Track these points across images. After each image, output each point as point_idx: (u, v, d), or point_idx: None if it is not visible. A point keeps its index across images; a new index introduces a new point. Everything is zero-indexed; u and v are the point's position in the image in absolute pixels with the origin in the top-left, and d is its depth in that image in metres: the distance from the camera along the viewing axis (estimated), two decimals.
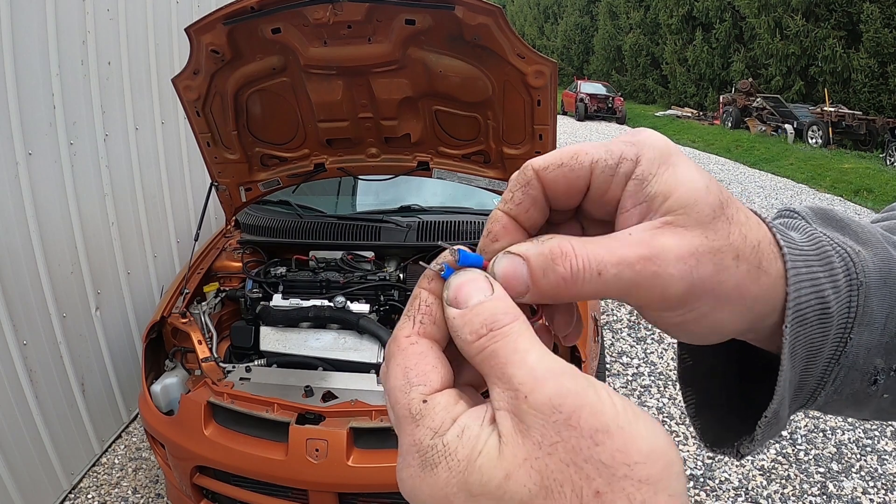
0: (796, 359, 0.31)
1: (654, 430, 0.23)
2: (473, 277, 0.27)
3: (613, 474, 0.22)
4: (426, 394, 0.26)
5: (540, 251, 0.28)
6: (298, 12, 2.03)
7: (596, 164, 0.29)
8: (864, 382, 0.34)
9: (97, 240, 3.02)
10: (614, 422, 0.23)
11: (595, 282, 0.27)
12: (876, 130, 13.22)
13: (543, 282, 0.27)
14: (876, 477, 3.03)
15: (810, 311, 0.31)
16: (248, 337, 2.47)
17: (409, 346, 0.27)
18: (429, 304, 0.28)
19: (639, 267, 0.27)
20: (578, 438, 0.22)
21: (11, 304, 2.40)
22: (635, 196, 0.28)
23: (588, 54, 28.28)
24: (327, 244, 2.77)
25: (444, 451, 0.24)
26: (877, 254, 0.33)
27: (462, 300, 0.27)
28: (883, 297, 0.33)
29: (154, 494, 2.88)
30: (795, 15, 15.82)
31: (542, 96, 2.19)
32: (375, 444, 1.97)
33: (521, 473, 0.23)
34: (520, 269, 0.28)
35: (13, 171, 2.41)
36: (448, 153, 2.57)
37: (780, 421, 0.33)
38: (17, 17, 2.37)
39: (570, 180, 0.29)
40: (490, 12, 1.96)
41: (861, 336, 0.32)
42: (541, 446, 0.23)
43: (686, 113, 19.84)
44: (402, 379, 0.26)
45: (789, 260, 0.30)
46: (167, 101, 3.63)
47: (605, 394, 0.23)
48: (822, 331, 0.31)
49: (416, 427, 0.25)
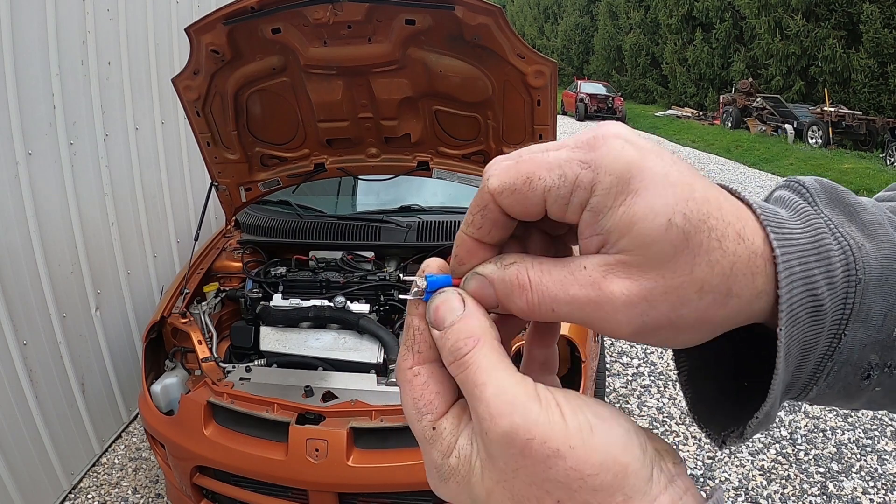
0: (790, 358, 0.30)
1: (608, 443, 0.26)
2: (446, 297, 0.30)
3: (570, 487, 0.25)
4: (433, 421, 0.30)
5: (501, 277, 0.29)
6: (298, 12, 2.03)
7: (549, 193, 0.28)
8: (858, 377, 0.33)
9: (97, 240, 3.02)
10: (564, 444, 0.25)
11: (549, 316, 0.28)
12: (876, 130, 13.22)
13: (508, 305, 0.29)
14: (876, 477, 3.03)
15: (802, 309, 0.29)
16: (248, 337, 2.47)
17: (413, 379, 0.30)
18: (421, 330, 0.31)
19: (588, 310, 0.27)
20: (534, 465, 0.26)
21: (11, 304, 2.40)
22: (591, 227, 0.27)
23: (588, 54, 28.28)
24: (327, 244, 2.77)
25: (450, 470, 0.29)
26: (881, 248, 0.32)
27: (439, 322, 0.29)
28: (883, 294, 0.31)
29: (154, 494, 2.88)
30: (795, 15, 15.81)
31: (542, 96, 2.19)
32: (375, 444, 1.97)
33: (497, 492, 0.27)
34: (487, 288, 0.30)
35: (13, 171, 2.41)
36: (448, 153, 2.58)
37: (770, 418, 0.32)
38: (17, 17, 2.37)
39: (524, 206, 0.28)
40: (490, 12, 1.96)
41: (856, 332, 0.31)
42: (505, 472, 0.26)
43: (686, 113, 19.84)
44: (413, 409, 0.30)
45: (782, 262, 0.29)
46: (167, 101, 3.63)
47: (557, 414, 0.26)
48: (814, 328, 0.30)
49: (431, 449, 0.29)
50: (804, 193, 0.33)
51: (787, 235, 0.30)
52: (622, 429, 0.27)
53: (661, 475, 0.27)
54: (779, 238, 0.29)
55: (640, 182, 0.26)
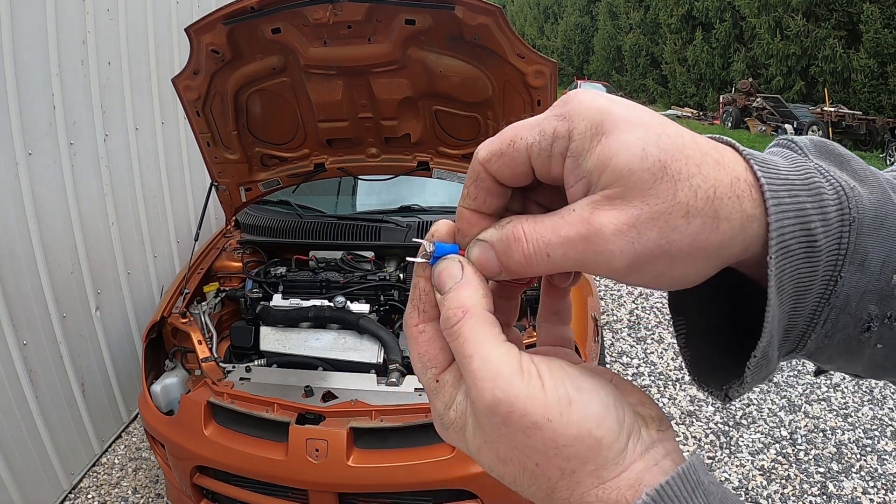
0: (783, 295, 0.30)
1: (585, 417, 0.28)
2: (448, 264, 0.32)
3: (546, 454, 0.28)
4: (437, 374, 0.32)
5: (500, 237, 0.30)
6: (298, 12, 2.03)
7: (532, 150, 0.29)
8: (857, 329, 0.32)
9: (97, 240, 3.02)
10: (542, 417, 0.28)
11: (546, 262, 0.29)
12: (876, 130, 13.22)
13: (509, 263, 0.30)
14: (876, 477, 3.03)
15: (795, 243, 0.29)
16: (248, 337, 2.47)
17: (419, 336, 0.33)
18: (426, 292, 0.33)
19: (581, 247, 0.28)
20: (514, 434, 0.28)
21: (11, 304, 2.40)
22: (574, 173, 0.29)
23: (588, 54, 28.27)
24: (327, 244, 2.77)
25: (449, 421, 0.32)
26: (873, 192, 0.32)
27: (440, 287, 0.31)
28: (879, 239, 0.31)
29: (154, 494, 2.88)
30: (796, 15, 15.82)
31: (542, 96, 2.19)
32: (375, 444, 1.97)
33: (484, 450, 0.30)
34: (489, 253, 0.31)
35: (13, 171, 2.41)
36: (448, 153, 2.57)
37: (770, 363, 0.32)
38: (17, 17, 2.37)
39: (512, 168, 0.30)
40: (490, 12, 1.96)
41: (853, 276, 0.31)
42: (490, 436, 0.30)
43: (686, 113, 19.84)
44: (419, 362, 0.33)
45: (768, 190, 0.29)
46: (167, 101, 3.63)
47: (538, 387, 0.28)
48: (809, 265, 0.30)
49: (436, 399, 0.32)
50: (794, 147, 0.34)
51: (772, 169, 0.30)
52: (600, 403, 0.29)
53: (637, 444, 0.29)
54: (762, 169, 0.29)
55: (612, 123, 0.28)
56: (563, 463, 0.28)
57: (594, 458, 0.28)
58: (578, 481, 0.28)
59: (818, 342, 0.33)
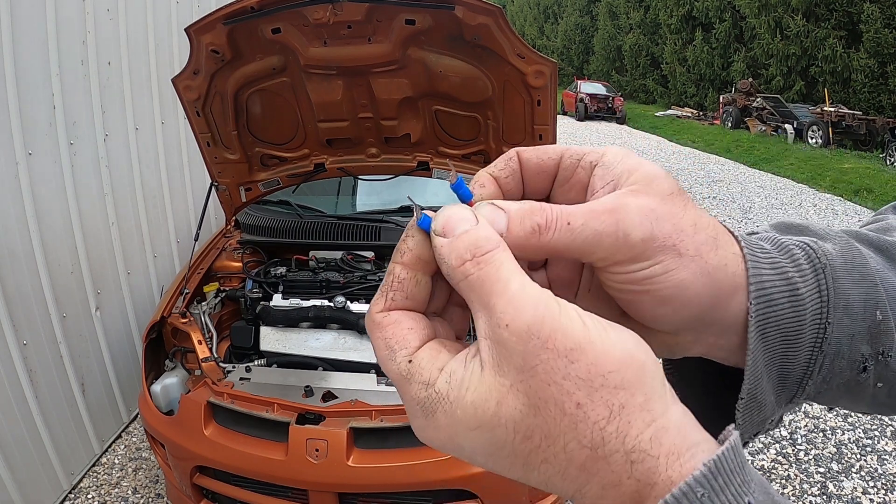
0: (768, 340, 0.32)
1: (624, 340, 0.26)
2: (459, 210, 0.29)
3: (591, 385, 0.25)
4: (409, 354, 0.28)
5: (520, 205, 0.30)
6: (298, 12, 2.02)
7: (565, 152, 0.33)
8: (854, 371, 0.34)
9: (97, 240, 3.02)
10: (585, 338, 0.25)
11: (565, 231, 0.29)
12: (876, 130, 13.21)
13: (518, 229, 0.29)
14: (876, 477, 3.03)
15: (777, 292, 0.32)
16: (248, 337, 2.47)
17: (382, 320, 0.29)
18: (400, 279, 0.30)
19: (604, 217, 0.29)
20: (556, 359, 0.25)
21: (11, 304, 2.40)
22: (603, 178, 0.31)
23: (588, 54, 28.27)
24: (327, 244, 2.77)
25: (437, 398, 0.27)
26: (836, 243, 0.35)
27: (449, 230, 0.28)
28: (854, 281, 0.34)
29: (154, 494, 2.88)
30: (796, 15, 15.81)
31: (542, 96, 2.19)
32: (375, 444, 1.97)
33: (510, 398, 0.25)
34: (499, 217, 0.29)
35: (13, 171, 2.41)
36: (448, 153, 2.57)
37: (762, 407, 0.33)
38: (17, 17, 2.37)
39: (541, 160, 0.33)
40: (490, 12, 1.96)
41: (841, 321, 0.33)
42: (523, 370, 0.25)
43: (686, 113, 19.83)
44: (386, 349, 0.29)
45: (745, 245, 0.32)
46: (167, 101, 3.63)
47: (575, 314, 0.26)
48: (794, 313, 0.32)
49: (410, 385, 0.28)
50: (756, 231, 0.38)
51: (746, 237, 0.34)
52: (632, 333, 0.27)
53: (669, 387, 0.27)
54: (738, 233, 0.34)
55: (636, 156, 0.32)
56: (611, 396, 0.24)
57: (641, 387, 0.25)
58: (630, 420, 0.24)
59: (818, 388, 0.34)
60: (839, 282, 0.33)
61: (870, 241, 0.39)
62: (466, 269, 0.27)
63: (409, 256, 0.30)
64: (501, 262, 0.27)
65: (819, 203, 8.91)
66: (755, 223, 7.63)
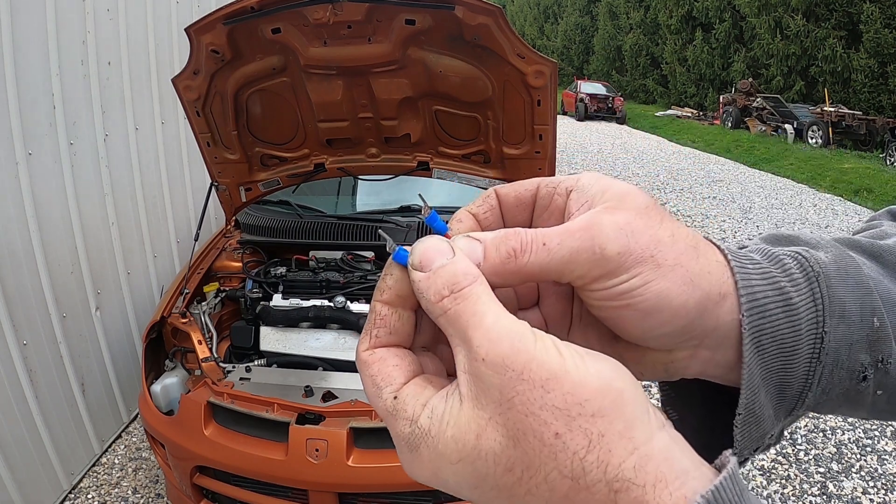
0: (765, 353, 0.32)
1: (600, 368, 0.26)
2: (436, 242, 0.29)
3: (568, 415, 0.24)
4: (394, 391, 0.29)
5: (495, 234, 0.30)
6: (298, 12, 2.02)
7: (541, 182, 0.33)
8: (854, 380, 0.34)
9: (97, 240, 3.02)
10: (561, 368, 0.25)
11: (541, 252, 0.29)
12: (876, 130, 13.20)
13: (494, 256, 0.29)
14: (876, 477, 3.03)
15: (769, 302, 0.32)
16: (248, 337, 2.47)
17: (368, 358, 0.30)
18: (382, 315, 0.30)
19: (578, 234, 0.29)
20: (532, 390, 0.25)
21: (11, 304, 2.40)
22: (578, 200, 0.31)
23: (588, 54, 28.27)
24: (327, 244, 2.77)
25: (420, 434, 0.27)
26: (829, 251, 0.35)
27: (426, 263, 0.29)
28: (849, 288, 0.33)
29: (154, 494, 2.88)
30: (796, 15, 15.81)
31: (542, 96, 2.19)
32: (375, 444, 1.96)
33: (490, 430, 0.25)
34: (475, 247, 0.30)
35: (13, 171, 2.41)
36: (448, 153, 2.57)
37: (761, 421, 0.33)
38: (17, 17, 2.37)
39: (518, 193, 0.33)
40: (490, 12, 1.96)
41: (837, 329, 0.32)
42: (500, 402, 0.25)
43: (686, 113, 19.83)
44: (372, 387, 0.29)
45: (731, 255, 0.32)
46: (167, 101, 3.63)
47: (550, 344, 0.26)
48: (789, 323, 0.32)
49: (396, 421, 0.28)
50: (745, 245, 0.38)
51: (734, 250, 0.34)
52: (612, 361, 0.27)
53: (655, 414, 0.26)
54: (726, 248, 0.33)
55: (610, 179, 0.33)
56: (589, 424, 0.24)
57: (620, 415, 0.25)
58: (610, 448, 0.24)
59: (817, 399, 0.34)
60: (833, 290, 0.33)
61: (863, 248, 0.38)
62: (444, 304, 0.27)
63: (388, 294, 0.30)
64: (478, 295, 0.27)
65: (819, 203, 8.91)
66: (755, 223, 7.63)
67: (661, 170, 11.25)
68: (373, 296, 0.31)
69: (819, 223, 7.73)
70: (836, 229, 7.43)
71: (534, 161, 2.45)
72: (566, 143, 13.74)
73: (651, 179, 10.31)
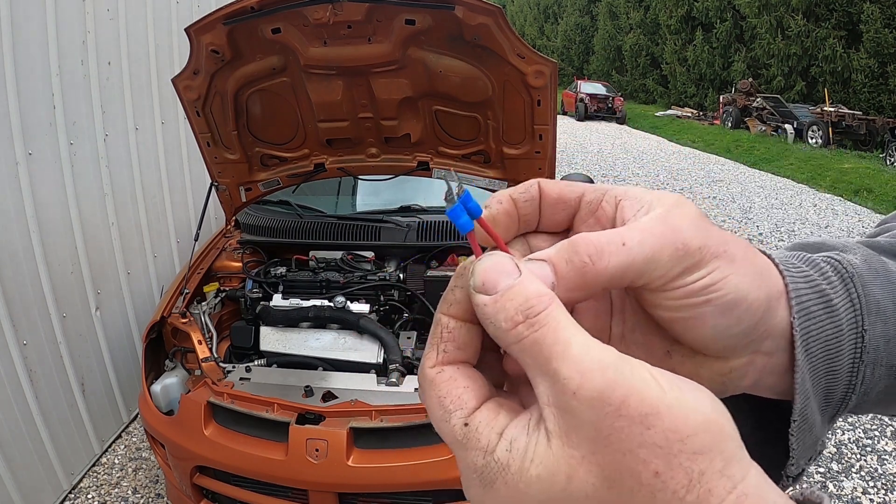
0: (813, 357, 0.32)
1: (701, 400, 0.24)
2: (498, 260, 0.27)
3: (669, 452, 0.23)
4: (465, 416, 0.26)
5: (559, 246, 0.28)
6: (298, 12, 2.02)
7: (587, 188, 0.32)
8: (892, 377, 0.35)
9: (97, 240, 3.02)
10: (662, 402, 0.23)
11: (621, 252, 0.27)
12: (876, 130, 13.20)
13: (567, 270, 0.27)
14: (876, 477, 3.03)
15: (813, 305, 0.32)
16: (248, 337, 2.47)
17: (436, 376, 0.28)
18: (450, 329, 0.28)
19: (658, 231, 0.28)
20: (630, 426, 0.23)
21: (11, 304, 2.40)
22: (632, 207, 0.30)
23: (588, 54, 28.27)
24: (327, 244, 2.77)
25: (497, 468, 0.25)
26: (856, 253, 0.36)
27: (490, 286, 0.26)
28: (881, 286, 0.34)
29: (154, 494, 2.88)
30: (796, 15, 15.81)
31: (542, 96, 2.19)
32: (375, 444, 1.97)
33: (582, 471, 0.23)
34: (543, 267, 0.27)
35: (13, 171, 2.41)
36: (448, 153, 2.57)
37: (813, 427, 0.33)
38: (17, 17, 2.37)
39: (562, 192, 0.32)
40: (490, 12, 1.96)
41: (875, 327, 0.33)
42: (595, 440, 0.23)
43: (686, 113, 19.83)
44: (440, 409, 0.27)
45: (778, 259, 0.33)
46: (167, 101, 3.63)
47: (648, 375, 0.24)
48: (832, 325, 0.33)
49: (467, 451, 0.26)
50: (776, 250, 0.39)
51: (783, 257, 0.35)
52: (706, 391, 0.25)
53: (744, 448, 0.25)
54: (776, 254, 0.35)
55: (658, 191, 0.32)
56: (690, 462, 0.23)
57: (721, 452, 0.23)
58: (710, 488, 0.23)
59: (858, 399, 0.35)
60: (868, 288, 0.34)
61: (883, 249, 0.39)
62: (519, 332, 0.25)
63: (456, 308, 0.28)
64: (558, 320, 0.25)
65: (819, 203, 8.91)
66: (755, 223, 7.63)
67: (661, 170, 11.25)
68: (438, 307, 0.29)
69: (819, 223, 7.73)
70: (836, 229, 7.43)
71: (534, 161, 2.45)
72: (566, 143, 13.74)
73: (651, 179, 10.30)
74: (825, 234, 7.20)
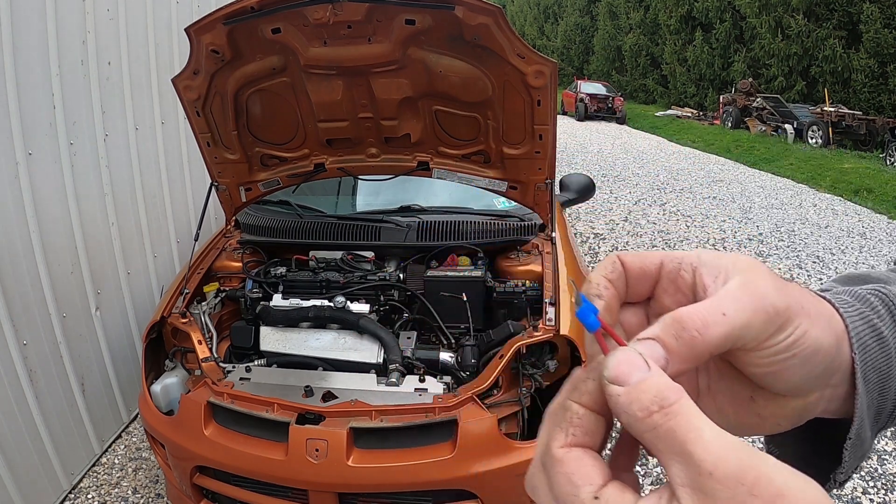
0: (870, 384, 0.38)
1: (810, 483, 0.26)
2: (629, 356, 0.30)
3: None
4: (595, 491, 0.28)
5: (663, 324, 0.31)
6: (298, 12, 2.02)
7: (665, 257, 0.36)
8: None
9: (97, 240, 3.02)
10: (785, 484, 0.26)
11: (723, 323, 0.31)
12: (876, 130, 13.20)
13: (678, 346, 0.30)
14: (876, 477, 3.03)
15: (867, 338, 0.38)
16: (248, 337, 2.47)
17: (565, 455, 0.30)
18: (580, 416, 0.31)
19: (747, 299, 0.31)
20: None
21: (11, 304, 2.40)
22: (711, 274, 0.34)
23: (588, 54, 28.26)
24: (327, 244, 2.77)
25: None
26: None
27: (623, 378, 0.29)
28: None
29: (154, 494, 2.88)
30: (796, 15, 15.81)
31: (542, 96, 2.19)
32: (375, 444, 1.97)
33: None
34: (655, 347, 0.30)
35: (13, 171, 2.41)
36: (448, 153, 2.57)
37: (864, 442, 0.40)
38: (17, 17, 2.37)
39: (644, 265, 0.35)
40: (490, 12, 1.96)
41: None
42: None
43: (686, 113, 19.83)
44: (568, 485, 0.29)
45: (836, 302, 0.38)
46: (167, 101, 3.63)
47: (772, 460, 0.27)
48: (883, 354, 0.38)
49: None
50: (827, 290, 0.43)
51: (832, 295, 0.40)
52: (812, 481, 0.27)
53: None
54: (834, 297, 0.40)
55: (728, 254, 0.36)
56: None
57: None
58: None
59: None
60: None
61: None
62: (655, 420, 0.27)
63: (588, 399, 0.31)
64: (690, 409, 0.27)
65: (819, 203, 8.91)
66: (755, 223, 7.63)
67: (661, 170, 11.24)
68: (567, 393, 0.32)
69: (819, 223, 7.73)
70: (835, 229, 7.43)
71: (534, 161, 2.45)
72: (566, 143, 13.73)
73: (651, 179, 10.30)
74: (824, 233, 7.20)
